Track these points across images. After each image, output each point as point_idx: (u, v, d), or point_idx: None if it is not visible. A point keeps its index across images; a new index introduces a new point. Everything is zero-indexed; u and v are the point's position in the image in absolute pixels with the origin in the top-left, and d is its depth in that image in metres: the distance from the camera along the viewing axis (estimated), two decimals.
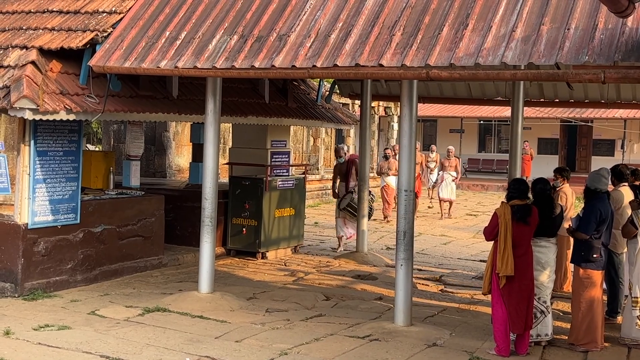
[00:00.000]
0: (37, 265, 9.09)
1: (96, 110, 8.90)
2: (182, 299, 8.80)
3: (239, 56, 7.95)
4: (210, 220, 8.97)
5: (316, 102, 13.51)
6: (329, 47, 7.58)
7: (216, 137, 9.01)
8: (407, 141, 7.97)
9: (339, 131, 25.80)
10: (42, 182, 9.11)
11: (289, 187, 12.65)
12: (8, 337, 7.19)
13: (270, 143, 12.78)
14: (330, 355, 7.04)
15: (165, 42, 8.56)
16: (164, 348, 7.02)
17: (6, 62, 8.82)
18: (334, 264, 12.16)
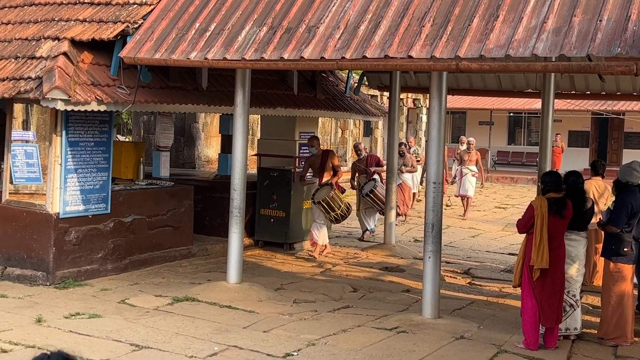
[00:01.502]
0: (68, 254, 9.21)
1: (127, 102, 8.98)
2: (211, 289, 8.87)
3: (268, 47, 7.97)
4: (239, 211, 9.02)
5: (344, 93, 13.50)
6: (358, 39, 7.57)
7: (245, 129, 9.04)
8: (436, 133, 7.95)
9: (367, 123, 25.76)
10: (74, 172, 9.22)
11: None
12: (40, 324, 7.30)
13: (299, 134, 12.80)
14: (358, 346, 7.06)
15: (195, 33, 8.60)
16: (193, 337, 7.09)
17: (38, 53, 8.93)
18: (362, 255, 12.17)
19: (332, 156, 11.88)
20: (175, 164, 16.85)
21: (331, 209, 11.49)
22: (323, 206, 11.44)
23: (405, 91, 17.10)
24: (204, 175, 14.73)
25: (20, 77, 8.72)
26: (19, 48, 9.28)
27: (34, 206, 9.36)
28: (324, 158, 11.77)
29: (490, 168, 31.57)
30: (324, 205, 11.43)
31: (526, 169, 31.46)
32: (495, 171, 31.20)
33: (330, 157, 11.83)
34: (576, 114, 29.40)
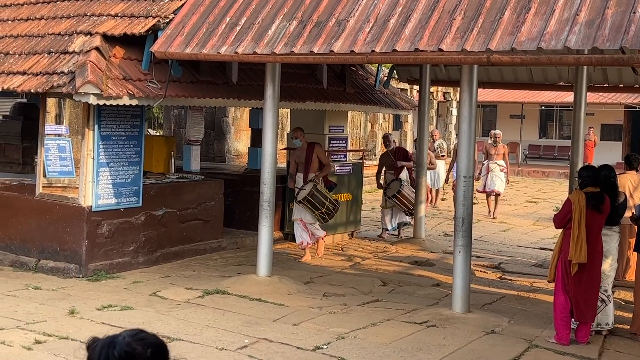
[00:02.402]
0: (100, 247, 9.32)
1: (158, 96, 9.05)
2: (241, 282, 8.92)
3: (298, 42, 7.97)
4: (269, 204, 9.05)
5: (374, 87, 13.47)
6: (388, 32, 7.54)
7: (275, 123, 9.06)
8: (466, 126, 7.91)
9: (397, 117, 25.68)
10: (106, 166, 9.32)
11: (346, 172, 12.67)
12: (73, 316, 7.40)
13: (328, 128, 12.80)
14: (387, 340, 7.06)
15: (226, 27, 8.63)
16: (223, 330, 7.14)
17: (71, 48, 9.03)
18: (391, 249, 12.15)
19: (318, 149, 10.85)
20: (206, 157, 16.95)
21: (315, 207, 10.61)
22: (305, 205, 10.59)
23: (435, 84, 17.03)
24: (234, 169, 14.80)
25: (53, 71, 8.83)
26: (52, 43, 9.39)
27: (66, 199, 9.48)
28: (309, 152, 10.77)
29: (521, 162, 31.31)
30: (305, 204, 10.58)
31: (558, 163, 31.15)
32: (527, 165, 30.94)
33: (317, 150, 10.80)
34: (609, 107, 29.04)
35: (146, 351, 2.23)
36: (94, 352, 2.24)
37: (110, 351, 2.22)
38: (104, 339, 2.26)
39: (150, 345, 2.25)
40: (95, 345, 2.25)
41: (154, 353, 2.25)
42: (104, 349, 2.22)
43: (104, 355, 2.22)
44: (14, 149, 11.94)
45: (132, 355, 2.22)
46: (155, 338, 2.30)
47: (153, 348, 2.26)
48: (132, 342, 2.23)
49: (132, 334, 2.27)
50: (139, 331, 2.29)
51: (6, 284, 8.64)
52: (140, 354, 2.22)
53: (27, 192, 9.73)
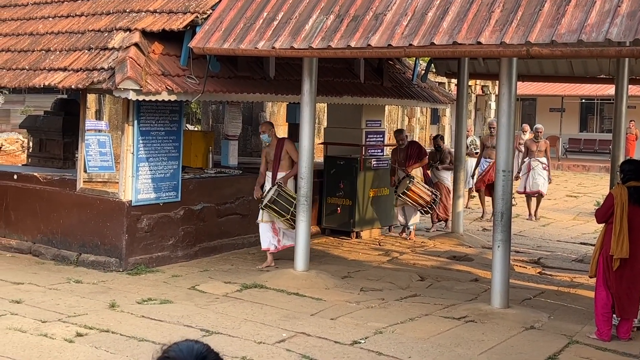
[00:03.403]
0: (140, 241, 9.42)
1: (196, 91, 9.11)
2: (279, 276, 8.95)
3: (335, 36, 7.96)
4: (306, 199, 9.07)
5: (412, 81, 13.40)
6: (426, 26, 7.49)
7: (312, 117, 9.07)
8: (505, 120, 7.83)
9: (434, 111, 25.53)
10: (145, 161, 9.41)
11: (383, 166, 12.63)
12: (113, 309, 7.50)
13: (365, 123, 12.76)
14: (425, 335, 7.03)
15: (263, 23, 8.65)
16: (261, 324, 7.17)
17: (111, 45, 9.12)
18: (429, 244, 12.09)
19: (289, 145, 9.77)
20: (243, 152, 17.02)
21: (278, 214, 9.46)
22: (272, 209, 9.46)
23: (473, 78, 16.90)
24: None
25: (93, 68, 8.93)
26: (92, 39, 9.51)
27: (107, 194, 9.60)
28: (278, 148, 9.74)
29: (561, 156, 30.92)
30: (272, 209, 9.45)
31: (598, 156, 30.70)
32: (567, 159, 30.55)
33: (287, 146, 9.76)
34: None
35: None
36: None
37: None
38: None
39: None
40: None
41: None
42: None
43: None
44: (55, 145, 12.12)
45: None
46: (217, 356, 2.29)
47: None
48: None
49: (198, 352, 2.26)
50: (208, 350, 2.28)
51: (48, 278, 8.79)
52: None
53: (68, 187, 9.88)
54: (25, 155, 18.26)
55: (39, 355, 6.02)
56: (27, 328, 6.72)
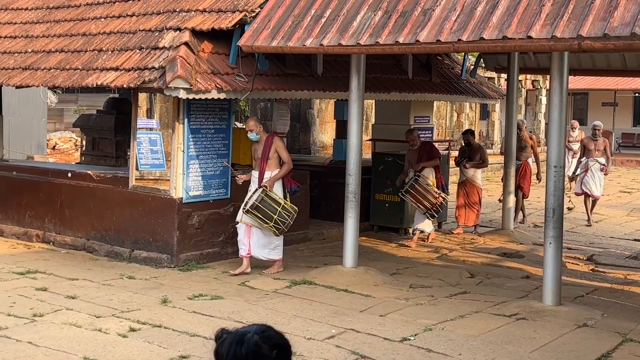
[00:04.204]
0: (191, 238, 9.54)
1: (245, 89, 9.18)
2: (327, 273, 8.98)
3: (383, 32, 7.94)
4: (354, 196, 9.07)
5: (460, 76, 13.30)
6: (475, 20, 7.43)
7: (360, 114, 9.06)
8: (557, 115, 7.72)
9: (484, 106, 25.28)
10: (195, 159, 9.52)
11: None
12: (165, 305, 7.61)
13: (414, 119, 12.71)
14: (476, 332, 6.98)
15: (311, 20, 8.67)
16: (311, 320, 7.20)
17: (161, 44, 9.25)
18: (479, 241, 11.99)
19: (278, 143, 9.09)
20: (291, 149, 17.09)
21: (264, 219, 8.80)
22: (253, 215, 8.84)
23: (524, 72, 16.68)
24: (319, 160, 14.88)
25: (144, 67, 9.07)
26: (143, 39, 9.65)
27: (158, 191, 9.74)
28: (267, 145, 9.03)
29: (614, 151, 30.34)
30: (254, 214, 8.81)
31: None
32: (620, 154, 29.96)
33: (276, 144, 9.05)
34: None
35: (272, 352, 2.28)
36: (222, 346, 2.30)
37: (238, 348, 2.27)
38: (233, 334, 2.32)
39: (276, 346, 2.30)
40: (224, 339, 2.31)
41: (279, 354, 2.30)
42: (232, 346, 2.28)
43: (232, 351, 2.27)
44: (107, 143, 12.36)
45: (258, 355, 2.27)
46: (281, 338, 2.34)
47: (279, 349, 2.30)
48: (259, 341, 2.28)
49: (260, 331, 2.32)
50: (267, 329, 2.34)
51: (102, 274, 8.96)
52: (266, 355, 2.27)
53: (121, 184, 10.04)
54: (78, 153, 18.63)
55: (94, 350, 6.15)
56: (82, 323, 6.86)
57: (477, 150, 12.48)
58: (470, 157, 12.38)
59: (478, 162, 12.36)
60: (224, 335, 2.33)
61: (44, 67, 10.27)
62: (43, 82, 10.18)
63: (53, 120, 23.41)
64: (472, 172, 12.36)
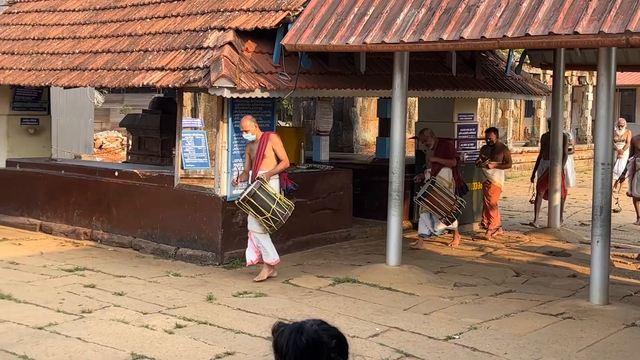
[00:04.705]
0: (235, 236, 9.61)
1: (288, 88, 9.22)
2: (371, 271, 8.97)
3: (427, 29, 7.90)
4: (398, 194, 9.04)
5: (505, 73, 13.16)
6: (520, 16, 7.35)
7: (403, 112, 9.04)
8: (604, 112, 7.60)
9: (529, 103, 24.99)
10: (239, 157, 9.59)
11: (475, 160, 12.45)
12: (211, 302, 7.69)
13: (457, 116, 12.62)
14: (522, 331, 6.91)
15: (354, 18, 8.67)
16: (355, 318, 7.21)
17: (205, 44, 9.34)
18: (524, 239, 11.86)
19: (274, 140, 8.71)
20: (334, 148, 17.13)
21: (257, 211, 8.46)
22: (246, 207, 8.51)
23: (570, 69, 16.45)
24: (362, 158, 14.86)
25: (189, 67, 9.16)
26: (187, 39, 9.75)
27: (203, 190, 9.84)
28: (262, 143, 8.68)
29: None
30: (246, 206, 8.50)
31: None
32: None
33: (272, 142, 8.69)
34: None
35: (331, 341, 2.31)
36: (281, 337, 2.33)
37: (298, 337, 2.30)
38: (292, 325, 2.35)
39: (334, 336, 2.33)
40: (282, 330, 2.34)
41: (338, 344, 2.32)
42: (292, 335, 2.31)
43: (292, 340, 2.30)
44: (153, 142, 12.52)
45: (319, 343, 2.29)
46: (338, 331, 2.37)
47: (337, 339, 2.33)
48: (319, 330, 2.31)
49: (317, 323, 2.35)
50: (322, 322, 2.37)
51: (148, 271, 9.08)
52: (326, 343, 2.30)
53: (166, 183, 10.17)
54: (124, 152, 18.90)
55: (141, 346, 6.24)
56: (129, 319, 6.97)
57: (500, 150, 11.88)
58: (493, 157, 11.79)
59: (501, 163, 11.76)
60: (282, 328, 2.36)
61: (92, 67, 10.44)
62: (90, 83, 10.36)
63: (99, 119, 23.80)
64: (492, 171, 11.77)
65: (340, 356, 2.33)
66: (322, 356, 2.29)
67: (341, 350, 2.33)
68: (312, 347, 2.28)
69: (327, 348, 2.29)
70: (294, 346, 2.29)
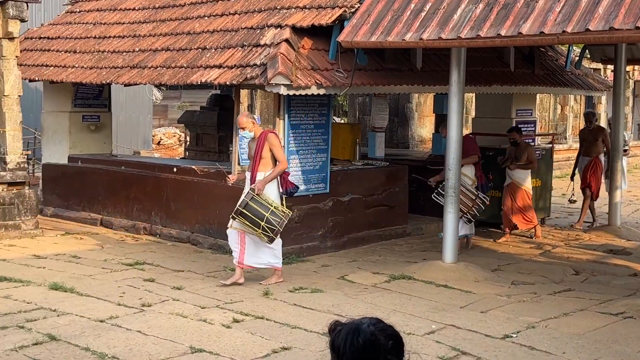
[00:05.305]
0: (291, 232, 9.67)
1: (344, 85, 9.24)
2: (427, 268, 8.94)
3: (484, 25, 7.83)
4: (454, 190, 8.98)
5: (565, 68, 12.94)
6: (580, 11, 7.22)
7: (460, 108, 8.97)
8: None
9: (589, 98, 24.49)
10: (295, 154, 9.66)
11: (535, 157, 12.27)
12: (267, 297, 7.76)
13: (515, 112, 12.47)
14: (580, 330, 6.81)
15: (411, 14, 8.64)
16: (410, 315, 7.20)
17: (262, 41, 9.42)
18: (584, 237, 11.66)
19: (272, 140, 8.14)
20: (390, 144, 17.08)
21: (251, 226, 7.98)
22: (240, 220, 8.04)
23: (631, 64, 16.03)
24: (418, 155, 14.79)
25: (246, 64, 9.26)
26: (245, 37, 9.85)
27: None
28: (260, 143, 8.12)
29: None
30: (240, 220, 8.03)
31: None
32: None
33: (270, 141, 8.11)
34: None
35: (388, 342, 2.31)
36: (338, 337, 2.33)
37: (355, 338, 2.30)
38: (348, 325, 2.34)
39: (391, 337, 2.33)
40: (340, 330, 2.34)
41: (394, 345, 2.32)
42: (349, 335, 2.30)
43: (349, 342, 2.30)
44: (210, 138, 12.69)
45: (375, 345, 2.29)
46: (394, 330, 2.36)
47: (394, 340, 2.33)
48: (375, 331, 2.30)
49: (374, 322, 2.34)
50: (378, 321, 2.36)
51: (206, 266, 9.22)
52: (382, 345, 2.30)
53: (224, 179, 10.27)
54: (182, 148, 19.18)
55: (199, 340, 6.34)
56: (188, 313, 7.09)
57: (524, 150, 11.16)
58: (517, 158, 11.15)
59: (525, 163, 11.09)
60: (338, 327, 2.35)
61: (151, 65, 10.63)
62: (150, 80, 10.55)
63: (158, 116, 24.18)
64: (517, 173, 11.12)
65: (397, 357, 2.32)
66: (379, 357, 2.29)
67: (397, 351, 2.32)
68: (369, 349, 2.28)
69: (383, 350, 2.29)
70: (350, 347, 2.29)
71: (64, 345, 6.16)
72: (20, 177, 10.96)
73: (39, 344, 6.14)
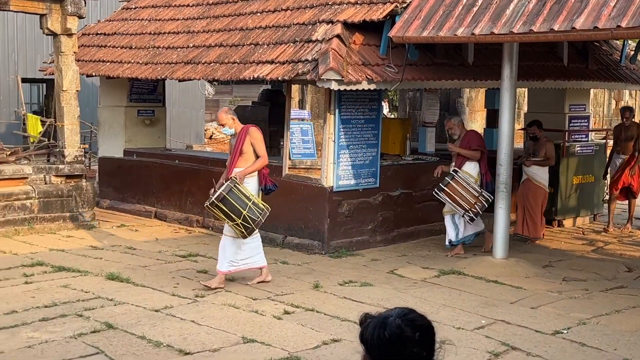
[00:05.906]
0: (341, 226, 9.76)
1: (395, 80, 9.27)
2: (477, 263, 8.93)
3: (537, 20, 7.78)
4: (505, 186, 8.95)
5: (619, 63, 12.74)
6: (635, 5, 7.13)
7: (512, 103, 8.93)
8: None
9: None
10: (346, 148, 9.73)
11: (588, 153, 12.15)
12: (317, 290, 7.86)
13: (569, 107, 12.33)
14: (632, 328, 6.75)
15: (462, 9, 8.62)
16: (460, 309, 7.22)
17: (314, 37, 9.50)
18: (638, 234, 11.49)
19: (254, 135, 7.84)
20: (440, 139, 17.00)
21: (227, 216, 7.64)
22: (214, 211, 7.78)
23: None
24: None
25: (298, 60, 9.35)
26: (296, 32, 9.95)
27: (310, 180, 10.03)
28: (240, 139, 7.84)
29: None
30: (214, 210, 7.75)
31: None
32: None
33: (251, 136, 7.81)
34: None
35: (414, 334, 2.34)
36: (367, 330, 2.39)
37: (381, 332, 2.35)
38: (376, 318, 2.39)
39: (418, 328, 2.36)
40: (368, 324, 2.40)
41: (422, 336, 2.35)
42: (375, 329, 2.36)
43: (376, 335, 2.35)
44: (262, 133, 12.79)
45: (401, 338, 2.33)
46: (423, 319, 2.39)
47: (421, 331, 2.36)
48: (402, 324, 2.34)
49: (402, 314, 2.38)
50: (409, 311, 2.40)
51: None
52: (409, 337, 2.33)
53: (275, 173, 10.38)
54: None
55: (251, 330, 6.47)
56: (240, 305, 7.23)
57: (543, 145, 10.51)
58: (535, 153, 10.59)
59: (542, 159, 10.47)
60: (368, 320, 2.40)
61: (204, 61, 10.80)
62: (203, 76, 10.72)
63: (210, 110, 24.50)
64: (533, 169, 10.50)
65: (423, 350, 2.34)
66: (406, 350, 2.32)
67: (425, 343, 2.34)
68: (395, 342, 2.31)
69: (410, 343, 2.32)
70: (377, 341, 2.33)
71: (120, 333, 6.35)
72: (77, 170, 11.26)
73: (96, 332, 6.34)
